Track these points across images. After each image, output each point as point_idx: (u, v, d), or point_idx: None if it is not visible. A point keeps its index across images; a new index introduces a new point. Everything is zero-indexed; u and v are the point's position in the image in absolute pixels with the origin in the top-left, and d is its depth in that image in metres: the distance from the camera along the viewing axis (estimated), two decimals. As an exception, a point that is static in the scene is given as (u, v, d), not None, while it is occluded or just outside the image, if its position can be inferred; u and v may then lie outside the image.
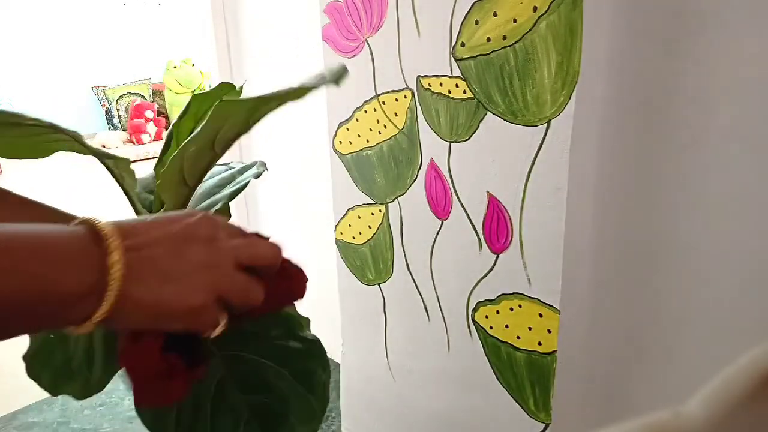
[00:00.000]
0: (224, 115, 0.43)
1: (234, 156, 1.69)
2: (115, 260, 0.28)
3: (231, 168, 0.67)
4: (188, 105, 0.52)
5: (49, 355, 0.52)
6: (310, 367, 0.51)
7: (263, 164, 0.65)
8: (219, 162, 0.69)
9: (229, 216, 0.71)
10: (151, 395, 0.36)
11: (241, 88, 0.54)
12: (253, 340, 0.51)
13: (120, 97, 4.68)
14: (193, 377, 0.37)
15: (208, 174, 0.66)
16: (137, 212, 0.57)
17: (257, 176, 0.63)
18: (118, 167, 0.52)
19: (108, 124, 4.71)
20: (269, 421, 0.48)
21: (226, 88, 0.51)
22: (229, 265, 0.34)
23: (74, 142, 0.46)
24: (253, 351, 0.50)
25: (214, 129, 0.45)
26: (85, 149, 0.48)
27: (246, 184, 0.61)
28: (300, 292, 0.44)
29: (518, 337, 0.83)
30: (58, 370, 0.52)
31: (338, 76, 0.43)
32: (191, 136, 0.45)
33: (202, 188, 0.64)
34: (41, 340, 0.53)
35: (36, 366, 0.52)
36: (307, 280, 0.45)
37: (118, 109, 4.67)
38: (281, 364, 0.50)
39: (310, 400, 0.50)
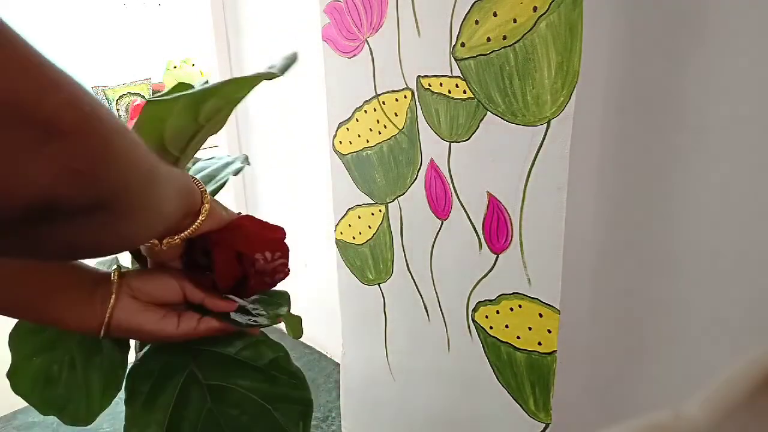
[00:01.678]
0: (156, 116, 0.43)
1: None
2: (206, 193, 0.46)
3: (214, 163, 0.66)
4: (143, 109, 0.52)
5: (34, 379, 0.52)
6: (291, 405, 0.51)
7: (245, 158, 0.65)
8: (205, 157, 0.68)
9: None
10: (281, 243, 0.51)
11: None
12: (241, 369, 0.51)
13: (120, 97, 4.68)
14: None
15: (192, 171, 0.65)
16: None
17: (236, 173, 0.63)
18: None
19: (108, 124, 4.70)
20: None
21: (183, 88, 0.50)
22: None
23: None
24: (239, 382, 0.50)
25: (154, 131, 0.45)
26: None
27: (225, 183, 0.61)
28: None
29: (518, 337, 0.83)
30: (46, 397, 0.52)
31: (285, 67, 0.43)
32: (143, 138, 0.44)
33: None
34: (22, 357, 0.53)
35: (20, 386, 0.53)
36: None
37: (118, 109, 4.67)
38: (266, 399, 0.50)
39: None
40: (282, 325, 0.67)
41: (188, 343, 0.50)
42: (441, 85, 0.80)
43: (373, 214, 0.98)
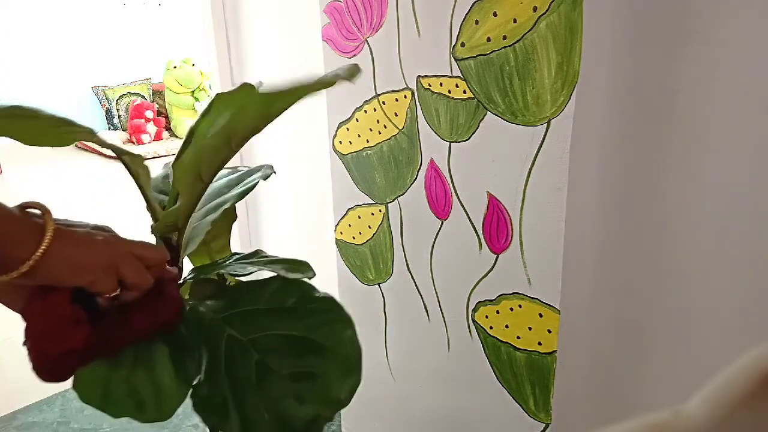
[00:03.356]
0: (246, 107, 0.45)
1: (234, 156, 1.69)
2: (50, 224, 0.42)
3: (238, 171, 0.69)
4: (211, 104, 0.53)
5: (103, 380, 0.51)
6: (332, 325, 0.53)
7: (270, 167, 0.68)
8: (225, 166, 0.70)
9: (235, 216, 0.71)
10: (52, 343, 0.44)
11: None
12: (272, 316, 0.53)
13: (120, 97, 4.68)
14: (92, 332, 0.45)
15: (217, 176, 0.66)
16: (151, 208, 0.57)
17: (266, 177, 0.66)
18: (133, 163, 0.53)
19: (108, 124, 4.71)
20: (314, 387, 0.50)
21: (248, 88, 0.52)
22: (126, 250, 0.46)
23: (91, 135, 0.48)
24: (275, 327, 0.52)
25: (235, 124, 0.47)
26: (102, 142, 0.49)
27: (255, 185, 0.64)
28: (171, 312, 0.50)
29: (518, 337, 0.83)
30: (116, 398, 0.51)
31: (352, 73, 0.44)
32: (213, 131, 0.47)
33: (211, 188, 0.65)
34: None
35: (87, 392, 0.51)
36: (180, 305, 0.51)
37: (118, 109, 4.67)
38: (305, 331, 0.52)
39: (342, 354, 0.52)
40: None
41: (215, 312, 0.53)
42: (441, 85, 0.80)
43: (373, 214, 0.98)
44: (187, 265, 0.64)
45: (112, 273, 0.45)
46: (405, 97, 0.86)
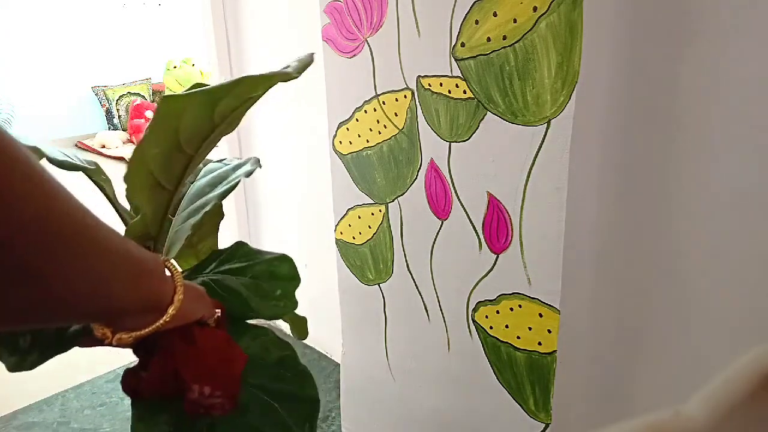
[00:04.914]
0: (172, 112, 0.43)
1: (234, 156, 1.69)
2: (179, 287, 0.42)
3: (226, 165, 0.66)
4: (158, 109, 0.52)
5: None
6: (300, 398, 0.52)
7: (257, 161, 0.64)
8: (215, 159, 0.68)
9: (222, 215, 0.70)
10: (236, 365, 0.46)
11: None
12: (248, 366, 0.52)
13: (120, 97, 4.68)
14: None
15: (202, 172, 0.65)
16: (121, 216, 0.56)
17: (248, 174, 0.62)
18: (94, 176, 0.52)
19: (108, 124, 4.70)
20: None
21: (199, 87, 0.50)
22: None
23: (41, 155, 0.46)
24: (246, 379, 0.51)
25: (170, 128, 0.44)
26: (52, 159, 0.48)
27: (237, 183, 0.60)
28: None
29: (518, 337, 0.83)
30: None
31: (302, 67, 0.43)
32: (143, 136, 0.44)
33: (194, 188, 0.63)
34: None
35: None
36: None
37: (118, 109, 4.67)
38: (273, 397, 0.51)
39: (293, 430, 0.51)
40: (285, 326, 0.67)
41: None
42: (441, 85, 0.80)
43: (373, 214, 0.98)
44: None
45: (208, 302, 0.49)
46: (405, 97, 0.86)
